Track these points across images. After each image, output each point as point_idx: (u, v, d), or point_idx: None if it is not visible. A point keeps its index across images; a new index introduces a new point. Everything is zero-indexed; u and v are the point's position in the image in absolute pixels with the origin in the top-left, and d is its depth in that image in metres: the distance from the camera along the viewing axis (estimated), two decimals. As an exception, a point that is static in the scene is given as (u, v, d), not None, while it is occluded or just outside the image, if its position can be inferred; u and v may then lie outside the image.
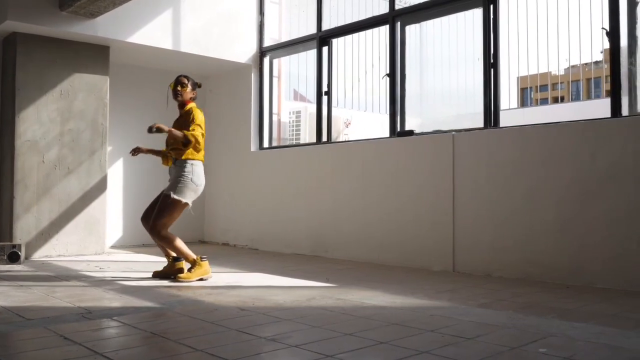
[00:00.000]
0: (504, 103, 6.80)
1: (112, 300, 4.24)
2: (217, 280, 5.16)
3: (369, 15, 7.30)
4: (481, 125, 5.84)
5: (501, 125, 5.76)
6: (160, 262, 6.54)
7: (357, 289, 4.66)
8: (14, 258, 6.21)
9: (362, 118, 11.31)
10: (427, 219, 5.99)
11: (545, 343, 2.93)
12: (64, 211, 7.03)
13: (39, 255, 6.82)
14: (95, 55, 7.31)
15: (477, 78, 6.32)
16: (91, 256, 7.05)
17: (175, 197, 5.06)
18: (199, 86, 5.51)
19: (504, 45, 6.01)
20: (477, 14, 6.21)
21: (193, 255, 5.14)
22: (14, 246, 6.26)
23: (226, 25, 8.16)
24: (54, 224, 6.95)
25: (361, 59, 9.18)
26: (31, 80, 6.82)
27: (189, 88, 5.37)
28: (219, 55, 8.12)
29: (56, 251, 6.96)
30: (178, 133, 5.09)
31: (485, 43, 5.83)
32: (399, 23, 6.70)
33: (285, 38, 8.64)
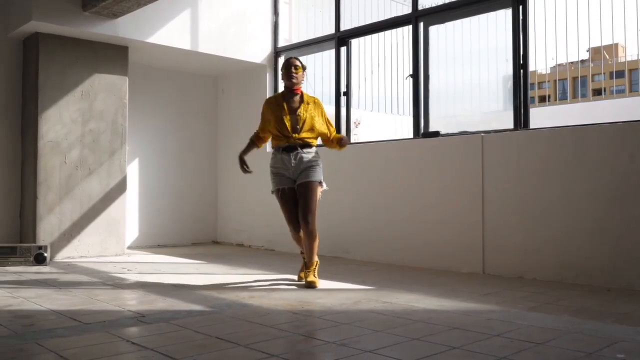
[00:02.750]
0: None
1: (157, 302, 4.22)
2: (249, 282, 5.16)
3: (386, 16, 7.31)
4: (510, 126, 5.85)
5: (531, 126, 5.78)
6: (186, 263, 6.54)
7: (397, 292, 4.66)
8: (40, 259, 6.17)
9: (372, 118, 11.34)
10: (455, 221, 6.00)
11: (619, 348, 2.94)
12: (86, 212, 6.99)
13: (61, 256, 6.78)
14: (114, 56, 7.27)
15: (502, 77, 6.36)
16: (112, 257, 7.01)
17: (321, 180, 5.07)
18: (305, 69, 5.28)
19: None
20: (500, 14, 6.23)
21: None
22: (39, 247, 6.22)
23: (241, 25, 8.14)
24: (75, 225, 6.91)
25: (373, 60, 9.20)
26: (53, 80, 6.78)
27: (302, 70, 5.17)
28: (234, 55, 8.10)
29: (78, 252, 6.92)
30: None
31: (515, 44, 5.84)
32: (422, 23, 6.69)
33: (295, 39, 8.62)
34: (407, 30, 7.10)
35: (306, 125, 5.07)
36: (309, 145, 5.10)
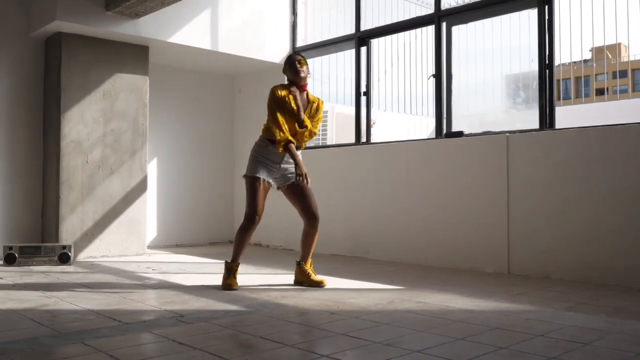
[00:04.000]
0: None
1: (192, 302, 4.23)
2: (276, 282, 5.17)
3: (402, 17, 7.32)
4: (535, 126, 5.85)
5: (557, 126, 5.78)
6: (209, 262, 6.54)
7: (427, 292, 4.66)
8: (64, 259, 6.19)
9: (385, 118, 11.32)
10: (479, 221, 6.00)
11: (667, 348, 2.94)
12: (107, 212, 7.00)
13: (83, 256, 6.79)
14: (135, 55, 7.28)
15: (526, 77, 6.36)
16: (133, 257, 7.03)
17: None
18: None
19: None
20: (524, 14, 6.24)
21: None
22: (64, 247, 6.23)
23: (260, 25, 8.15)
24: (97, 225, 6.92)
25: (387, 60, 9.20)
26: (75, 80, 6.79)
27: (306, 64, 4.99)
28: (253, 55, 8.11)
29: (100, 252, 6.93)
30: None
31: (540, 44, 5.84)
32: (444, 23, 6.70)
33: (311, 39, 8.62)
34: (427, 30, 7.12)
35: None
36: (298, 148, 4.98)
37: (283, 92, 4.90)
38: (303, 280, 5.03)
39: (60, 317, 3.73)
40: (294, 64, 4.95)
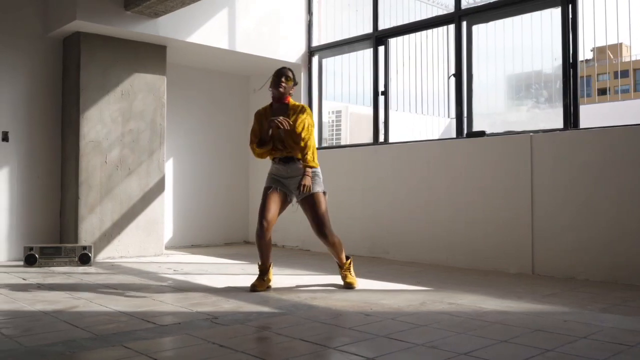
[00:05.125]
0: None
1: (221, 303, 4.19)
2: (302, 283, 5.13)
3: (418, 17, 7.29)
4: (558, 125, 5.82)
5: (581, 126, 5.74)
6: (229, 263, 6.52)
7: (456, 293, 4.63)
8: (84, 260, 6.16)
9: (397, 118, 11.28)
10: (502, 221, 5.96)
11: None
12: (125, 212, 6.97)
13: (102, 256, 6.76)
14: (153, 55, 7.25)
15: (549, 76, 6.32)
16: (152, 257, 7.00)
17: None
18: (296, 84, 5.14)
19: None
20: (546, 13, 6.20)
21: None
22: (84, 248, 6.20)
23: (276, 25, 8.12)
24: (116, 225, 6.89)
25: (399, 59, 9.16)
26: (94, 80, 6.76)
27: (292, 83, 5.01)
28: (269, 55, 8.08)
29: (118, 252, 6.90)
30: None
31: (564, 43, 5.80)
32: (465, 22, 6.66)
33: (324, 39, 8.58)
34: (439, 31, 7.09)
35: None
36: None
37: (263, 110, 5.05)
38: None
39: (93, 318, 3.69)
40: (278, 77, 4.94)
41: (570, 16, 5.80)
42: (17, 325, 3.50)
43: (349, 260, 5.09)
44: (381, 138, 7.57)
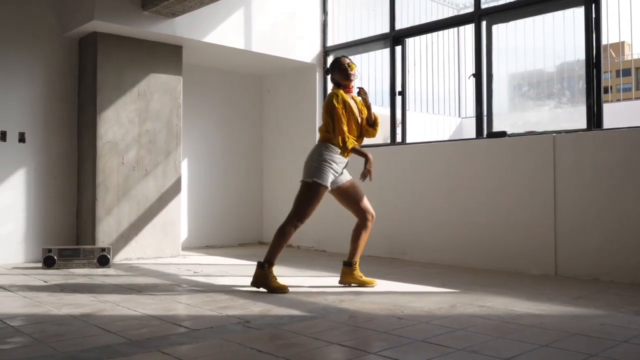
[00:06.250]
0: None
1: (250, 306, 4.15)
2: (325, 284, 5.10)
3: (432, 17, 7.25)
4: (581, 125, 5.77)
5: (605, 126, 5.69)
6: (248, 264, 6.49)
7: (484, 295, 4.58)
8: (103, 261, 6.12)
9: (409, 118, 11.24)
10: (524, 222, 5.91)
11: None
12: (142, 213, 6.94)
13: (119, 258, 6.73)
14: (169, 55, 7.21)
15: (571, 76, 6.28)
16: (169, 259, 6.96)
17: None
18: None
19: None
20: (568, 12, 6.16)
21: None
22: (102, 249, 6.16)
23: (291, 25, 8.08)
24: (133, 227, 6.86)
25: (413, 60, 9.12)
26: (111, 80, 6.72)
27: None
28: (285, 55, 8.03)
29: (135, 254, 6.86)
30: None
31: (588, 43, 5.75)
32: (484, 22, 6.61)
33: (337, 39, 8.53)
34: (451, 32, 7.04)
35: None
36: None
37: (346, 97, 4.93)
38: (351, 282, 4.98)
39: (124, 323, 3.65)
40: (345, 68, 4.96)
41: (594, 15, 5.74)
42: (47, 330, 3.45)
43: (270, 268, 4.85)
44: (398, 138, 7.51)
